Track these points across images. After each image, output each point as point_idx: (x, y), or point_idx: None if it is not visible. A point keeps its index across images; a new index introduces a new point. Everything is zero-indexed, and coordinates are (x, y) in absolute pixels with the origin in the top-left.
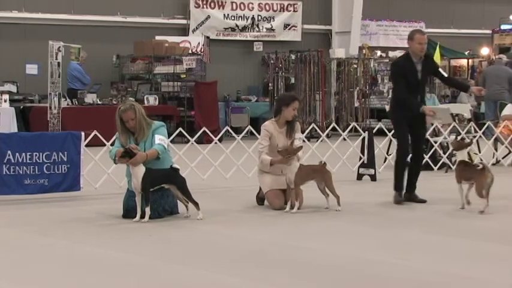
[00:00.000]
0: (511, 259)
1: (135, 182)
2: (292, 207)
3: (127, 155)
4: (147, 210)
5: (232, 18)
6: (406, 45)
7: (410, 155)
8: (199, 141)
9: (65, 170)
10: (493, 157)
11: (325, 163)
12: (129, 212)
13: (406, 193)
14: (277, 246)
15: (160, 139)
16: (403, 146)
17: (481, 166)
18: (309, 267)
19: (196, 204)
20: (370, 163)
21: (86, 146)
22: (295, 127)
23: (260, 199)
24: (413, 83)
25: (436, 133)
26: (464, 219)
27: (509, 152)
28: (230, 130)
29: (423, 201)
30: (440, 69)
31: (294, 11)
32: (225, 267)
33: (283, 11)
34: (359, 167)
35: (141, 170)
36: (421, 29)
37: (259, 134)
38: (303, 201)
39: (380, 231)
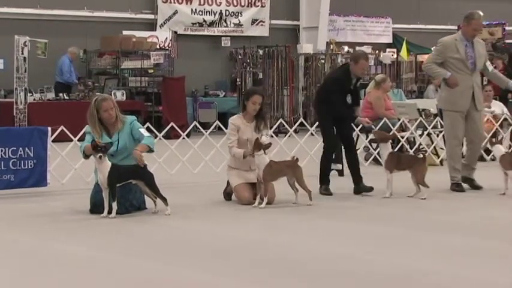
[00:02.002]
0: (476, 252)
1: (101, 177)
2: (260, 203)
3: (100, 150)
4: (114, 205)
5: (200, 13)
6: (373, 41)
7: (343, 146)
8: (167, 137)
9: (31, 166)
10: None
11: (297, 159)
12: (96, 207)
13: (356, 185)
14: (247, 241)
15: (145, 131)
16: (330, 141)
17: (421, 155)
18: (277, 263)
19: (164, 199)
20: (338, 158)
21: (53, 141)
22: (263, 123)
23: (227, 194)
24: (347, 92)
25: (403, 128)
26: (429, 212)
27: None
28: (198, 125)
29: (371, 189)
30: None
31: (261, 6)
32: (195, 263)
33: (251, 6)
34: None
35: (107, 165)
36: (365, 53)
37: (227, 129)
38: (275, 196)
39: (349, 226)
